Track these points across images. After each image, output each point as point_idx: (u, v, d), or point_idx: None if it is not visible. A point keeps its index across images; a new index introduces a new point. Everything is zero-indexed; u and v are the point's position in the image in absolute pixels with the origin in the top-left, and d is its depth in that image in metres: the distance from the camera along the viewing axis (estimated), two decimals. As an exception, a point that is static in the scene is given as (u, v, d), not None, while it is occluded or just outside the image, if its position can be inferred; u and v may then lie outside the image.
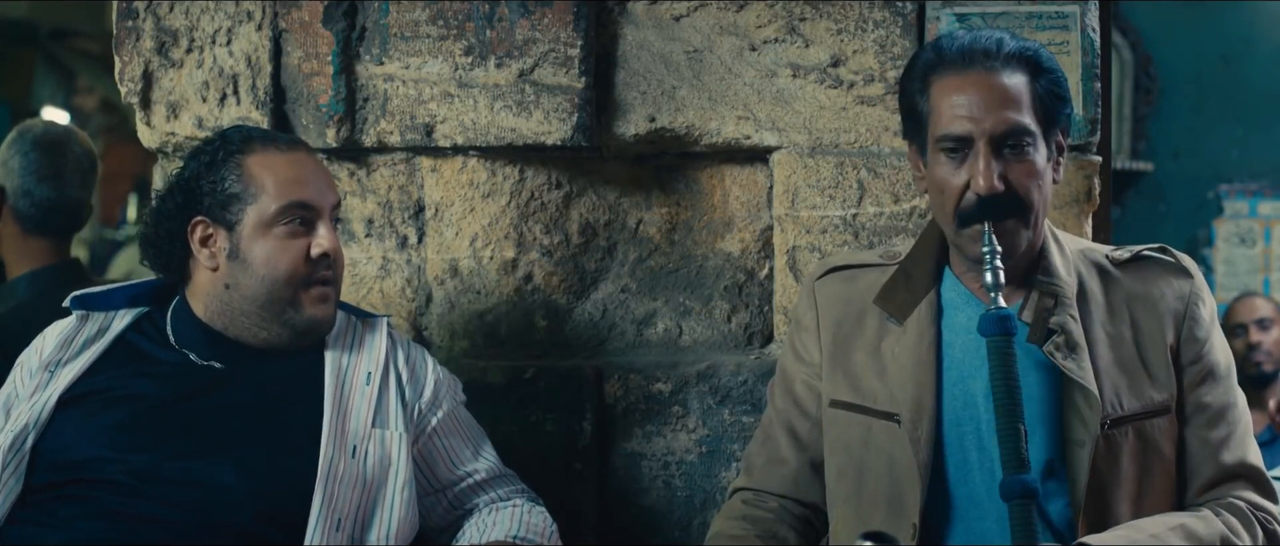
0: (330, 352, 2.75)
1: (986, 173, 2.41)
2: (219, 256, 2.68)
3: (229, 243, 2.67)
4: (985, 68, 2.44)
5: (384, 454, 2.69)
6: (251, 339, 2.70)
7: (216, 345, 2.70)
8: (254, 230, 2.66)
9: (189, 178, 2.70)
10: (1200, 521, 2.44)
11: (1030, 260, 2.51)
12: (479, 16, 3.10)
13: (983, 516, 2.48)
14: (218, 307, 2.70)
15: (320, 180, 2.73)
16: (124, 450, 2.57)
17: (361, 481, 2.64)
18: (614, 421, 3.16)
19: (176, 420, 2.62)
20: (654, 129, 3.13)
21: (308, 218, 2.69)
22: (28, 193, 3.53)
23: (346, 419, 2.68)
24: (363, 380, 2.73)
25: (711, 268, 3.23)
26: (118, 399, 2.64)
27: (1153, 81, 7.94)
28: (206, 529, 2.54)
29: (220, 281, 2.68)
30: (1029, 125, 2.43)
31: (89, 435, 2.60)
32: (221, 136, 2.73)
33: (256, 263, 2.66)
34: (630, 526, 3.16)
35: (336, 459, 2.62)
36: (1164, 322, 2.52)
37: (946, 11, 3.06)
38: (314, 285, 2.69)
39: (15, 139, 3.60)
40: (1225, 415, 2.53)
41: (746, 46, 3.12)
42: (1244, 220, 7.93)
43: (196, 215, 2.68)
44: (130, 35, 3.14)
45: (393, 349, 2.81)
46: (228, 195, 2.66)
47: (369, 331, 2.82)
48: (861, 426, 2.55)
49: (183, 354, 2.70)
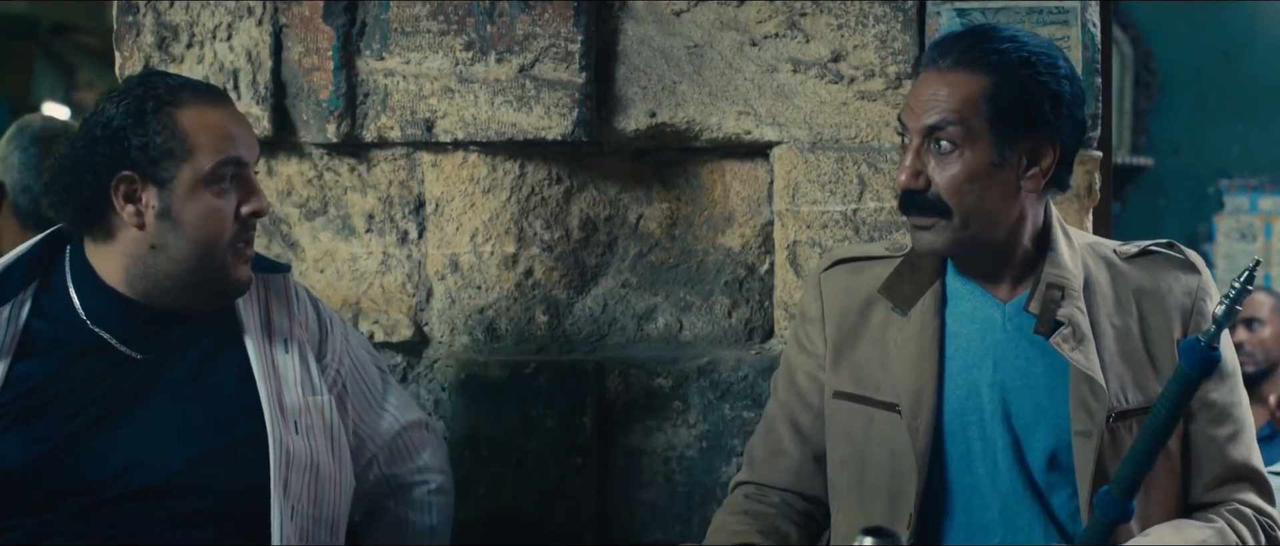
0: (244, 317, 2.61)
1: (903, 166, 2.45)
2: (147, 214, 2.48)
3: (159, 201, 2.47)
4: (937, 66, 2.45)
5: (322, 423, 2.62)
6: (169, 303, 2.54)
7: (132, 320, 2.53)
8: (188, 188, 2.48)
9: (114, 128, 2.47)
10: (1217, 535, 2.44)
11: (1036, 253, 2.51)
12: (479, 11, 3.10)
13: (985, 507, 2.48)
14: (139, 271, 2.52)
15: (247, 134, 2.57)
16: (63, 460, 2.46)
17: (310, 461, 2.57)
18: (614, 416, 3.16)
19: (112, 422, 2.50)
20: (654, 124, 3.13)
21: (238, 174, 2.52)
22: (27, 188, 3.53)
23: (282, 394, 2.59)
24: (282, 347, 2.64)
25: (712, 263, 3.23)
26: (46, 402, 2.49)
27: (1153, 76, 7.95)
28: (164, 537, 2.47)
29: (145, 242, 2.49)
30: (951, 125, 2.41)
31: (20, 447, 2.46)
32: (143, 84, 2.52)
33: (190, 224, 2.48)
34: (631, 522, 3.16)
35: (285, 440, 2.54)
36: (1171, 318, 2.52)
37: (947, 6, 3.06)
38: (240, 245, 2.54)
39: (14, 134, 3.60)
40: (1231, 413, 2.53)
41: (747, 42, 3.11)
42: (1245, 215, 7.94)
43: (122, 169, 2.47)
44: (131, 30, 3.14)
45: (300, 303, 2.71)
46: (160, 150, 2.46)
47: (271, 288, 2.69)
48: (863, 417, 2.55)
49: (99, 337, 2.52)
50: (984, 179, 2.42)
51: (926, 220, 2.45)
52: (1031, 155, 2.45)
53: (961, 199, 2.42)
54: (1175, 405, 2.24)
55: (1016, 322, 2.50)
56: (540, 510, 3.15)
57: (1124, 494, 2.25)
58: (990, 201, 2.44)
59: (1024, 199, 2.46)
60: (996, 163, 2.42)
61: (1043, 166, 2.45)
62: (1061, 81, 2.44)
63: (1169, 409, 2.23)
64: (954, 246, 2.47)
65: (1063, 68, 2.46)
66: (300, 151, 3.20)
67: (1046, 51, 2.46)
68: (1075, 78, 2.48)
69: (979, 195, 2.43)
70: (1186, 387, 2.23)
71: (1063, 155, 2.46)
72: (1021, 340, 2.49)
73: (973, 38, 2.47)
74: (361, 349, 2.84)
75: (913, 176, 2.44)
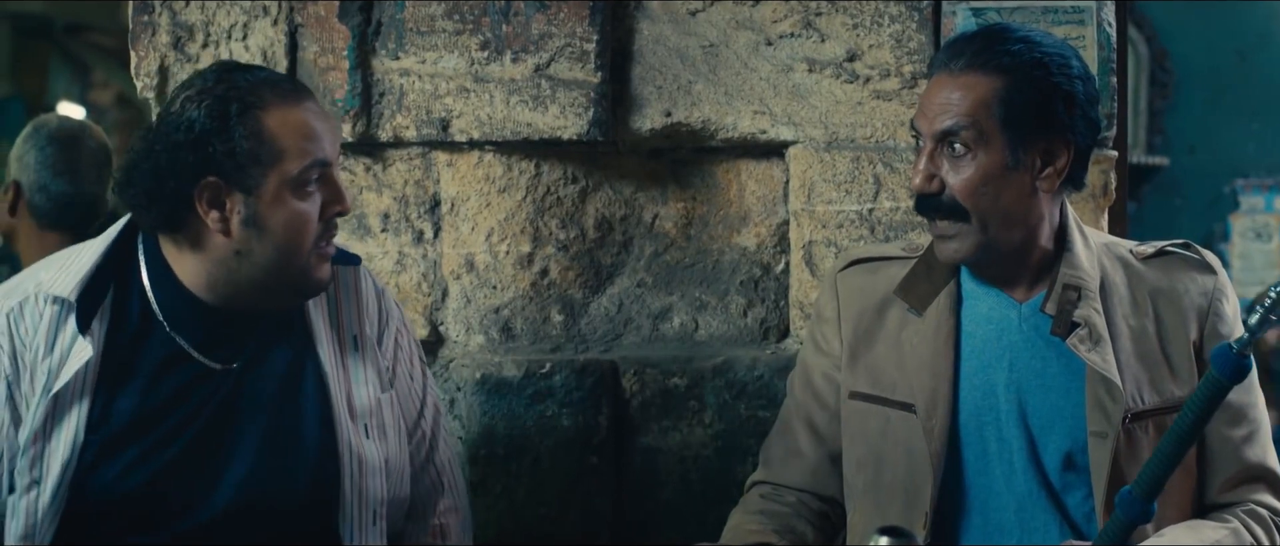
0: (314, 319, 2.58)
1: (916, 170, 2.45)
2: (232, 220, 2.40)
3: (246, 208, 2.40)
4: (949, 69, 2.45)
5: (390, 419, 2.61)
6: (245, 306, 2.48)
7: (208, 326, 2.48)
8: (275, 194, 2.40)
9: (199, 132, 2.38)
10: (1231, 535, 2.44)
11: (1053, 254, 2.51)
12: (495, 11, 3.10)
13: (1001, 507, 2.48)
14: (223, 276, 2.45)
15: (332, 130, 2.50)
16: (159, 487, 2.42)
17: (382, 461, 2.56)
18: (630, 416, 3.16)
19: (208, 443, 2.46)
20: (670, 123, 3.13)
21: (324, 174, 2.45)
22: (43, 187, 3.55)
23: (351, 397, 2.56)
24: (352, 345, 2.60)
25: (727, 262, 3.23)
26: (136, 425, 2.44)
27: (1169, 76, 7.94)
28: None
29: (231, 248, 2.42)
30: (964, 128, 2.41)
31: (117, 474, 2.42)
32: (224, 83, 2.42)
33: (277, 229, 2.41)
34: (646, 521, 3.16)
35: (356, 446, 2.53)
36: (1187, 318, 2.52)
37: (963, 6, 3.06)
38: (323, 245, 2.48)
39: (30, 134, 3.62)
40: (1247, 414, 2.53)
41: (762, 41, 3.11)
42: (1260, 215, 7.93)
43: (207, 175, 2.38)
44: (146, 30, 3.14)
45: (367, 297, 2.67)
46: (247, 156, 2.38)
47: (340, 281, 2.63)
48: (880, 417, 2.55)
49: (177, 345, 2.47)
50: (998, 180, 2.43)
51: (950, 229, 2.45)
52: (1046, 156, 2.44)
53: (977, 201, 2.42)
54: (1204, 410, 2.22)
55: (1032, 323, 2.50)
56: (556, 509, 3.15)
57: (1146, 495, 2.24)
58: (1006, 203, 2.44)
59: (1040, 199, 2.46)
60: (1010, 164, 2.42)
61: (1057, 167, 2.45)
62: (1074, 81, 2.44)
63: (1197, 413, 2.22)
64: (977, 251, 2.47)
65: (1075, 68, 2.45)
66: (316, 151, 3.20)
67: (1059, 52, 2.45)
68: (1088, 77, 2.48)
69: (994, 197, 2.43)
70: (1217, 393, 2.21)
71: (1077, 155, 2.46)
72: (1037, 341, 2.49)
73: (985, 39, 2.47)
74: (412, 347, 2.79)
75: (927, 180, 2.44)
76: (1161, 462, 2.24)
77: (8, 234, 3.69)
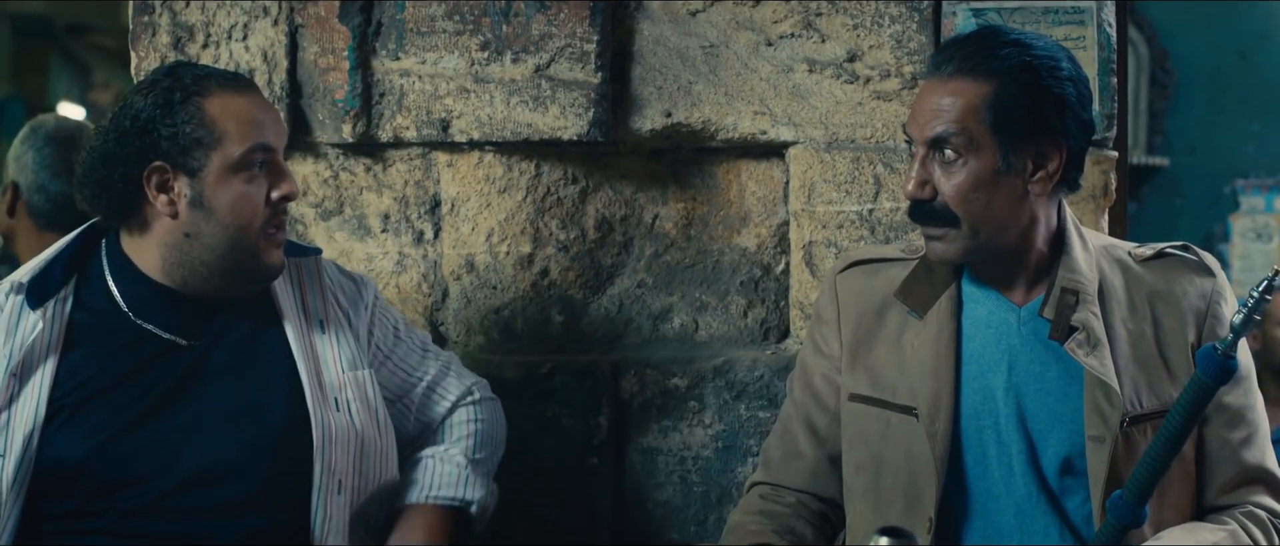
0: (281, 302, 2.68)
1: (909, 177, 2.46)
2: (180, 203, 2.53)
3: (191, 189, 2.53)
4: (939, 74, 2.46)
5: (361, 397, 2.67)
6: (206, 290, 2.59)
7: (173, 309, 2.59)
8: (218, 176, 2.52)
9: (144, 120, 2.53)
10: (1230, 536, 2.44)
11: (1050, 256, 2.51)
12: (495, 12, 3.10)
13: (1000, 511, 2.48)
14: (176, 258, 2.57)
15: (275, 120, 2.62)
16: (120, 453, 2.51)
17: (354, 435, 2.63)
18: (630, 416, 3.16)
19: (163, 412, 2.55)
20: (670, 124, 3.13)
21: (267, 160, 2.57)
22: (42, 188, 3.54)
23: (320, 373, 2.65)
24: (319, 328, 2.69)
25: (727, 262, 3.23)
26: (97, 394, 2.54)
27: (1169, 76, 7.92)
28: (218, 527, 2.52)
29: (179, 230, 2.55)
30: (954, 135, 2.41)
31: (77, 441, 2.51)
32: (170, 76, 2.57)
33: (221, 210, 2.53)
34: (646, 522, 3.16)
35: (325, 418, 2.60)
36: (1185, 321, 2.51)
37: (963, 6, 3.06)
38: (271, 230, 2.59)
39: (29, 134, 3.61)
40: (1245, 416, 2.53)
41: (763, 41, 3.11)
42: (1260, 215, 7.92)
43: (153, 160, 2.52)
44: (146, 30, 3.14)
45: (333, 283, 2.77)
46: (189, 140, 2.51)
47: (304, 271, 2.74)
48: (880, 420, 2.55)
49: (143, 327, 2.58)
50: (989, 185, 2.42)
51: (937, 230, 2.45)
52: (1037, 159, 2.44)
53: (968, 207, 2.42)
54: (1191, 413, 2.23)
55: (1031, 327, 2.50)
56: (555, 510, 3.16)
57: (1137, 499, 2.25)
58: (997, 207, 2.43)
59: (1033, 202, 2.46)
60: (1001, 168, 2.42)
61: (1049, 169, 2.44)
62: (1065, 84, 2.43)
63: (1184, 416, 2.23)
64: (966, 254, 2.47)
65: (1066, 69, 2.44)
66: (316, 151, 3.20)
67: (1049, 54, 2.44)
68: (1079, 78, 2.47)
69: (985, 202, 2.43)
70: (1202, 396, 2.22)
71: (1070, 157, 2.46)
72: (1036, 344, 2.49)
73: (975, 43, 2.47)
74: (395, 315, 2.90)
75: (919, 186, 2.44)
76: (1151, 466, 2.24)
77: (6, 235, 3.68)
